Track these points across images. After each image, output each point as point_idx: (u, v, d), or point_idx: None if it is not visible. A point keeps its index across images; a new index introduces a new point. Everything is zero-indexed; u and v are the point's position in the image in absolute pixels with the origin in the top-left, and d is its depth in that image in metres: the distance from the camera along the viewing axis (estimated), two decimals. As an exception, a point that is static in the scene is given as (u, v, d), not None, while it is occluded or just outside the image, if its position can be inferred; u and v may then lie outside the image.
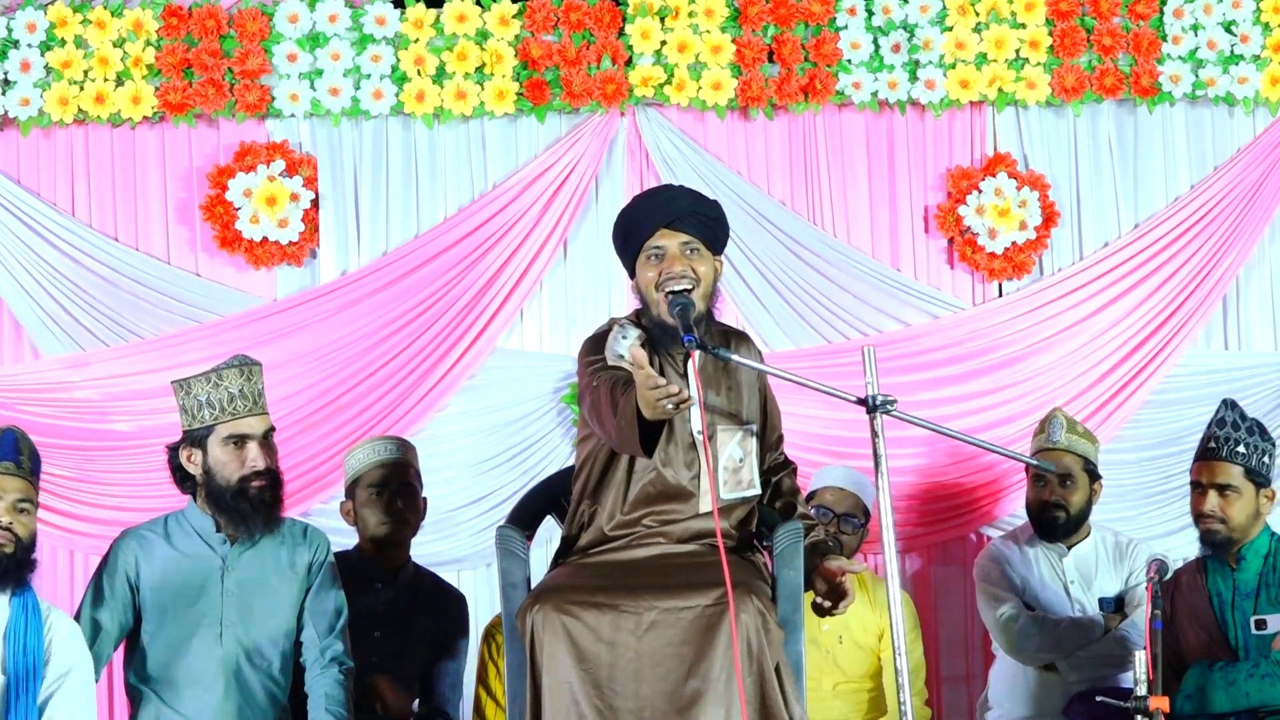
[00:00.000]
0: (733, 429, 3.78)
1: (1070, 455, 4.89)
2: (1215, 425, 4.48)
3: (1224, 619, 4.44)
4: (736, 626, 3.45)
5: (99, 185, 5.47)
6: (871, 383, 3.51)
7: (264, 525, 4.09)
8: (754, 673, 3.48)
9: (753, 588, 3.55)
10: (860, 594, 4.94)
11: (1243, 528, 4.45)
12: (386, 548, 4.62)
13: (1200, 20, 5.63)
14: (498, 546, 3.87)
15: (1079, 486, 4.92)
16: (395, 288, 5.44)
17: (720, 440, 3.76)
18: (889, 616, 4.80)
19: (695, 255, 3.73)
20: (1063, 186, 5.67)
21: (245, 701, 4.06)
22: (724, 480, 3.74)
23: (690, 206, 3.75)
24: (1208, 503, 4.45)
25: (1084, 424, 5.22)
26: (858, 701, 4.94)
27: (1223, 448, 4.44)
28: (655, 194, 3.91)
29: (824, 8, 5.51)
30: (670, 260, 3.70)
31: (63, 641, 3.80)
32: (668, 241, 3.71)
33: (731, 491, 3.76)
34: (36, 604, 3.79)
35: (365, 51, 5.43)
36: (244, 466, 4.05)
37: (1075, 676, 4.80)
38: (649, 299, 3.74)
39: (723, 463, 3.75)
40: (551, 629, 3.49)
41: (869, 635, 4.93)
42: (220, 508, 4.08)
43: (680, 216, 3.73)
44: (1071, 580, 4.93)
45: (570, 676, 3.48)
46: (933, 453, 5.52)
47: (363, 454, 4.69)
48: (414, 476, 4.70)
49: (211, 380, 4.08)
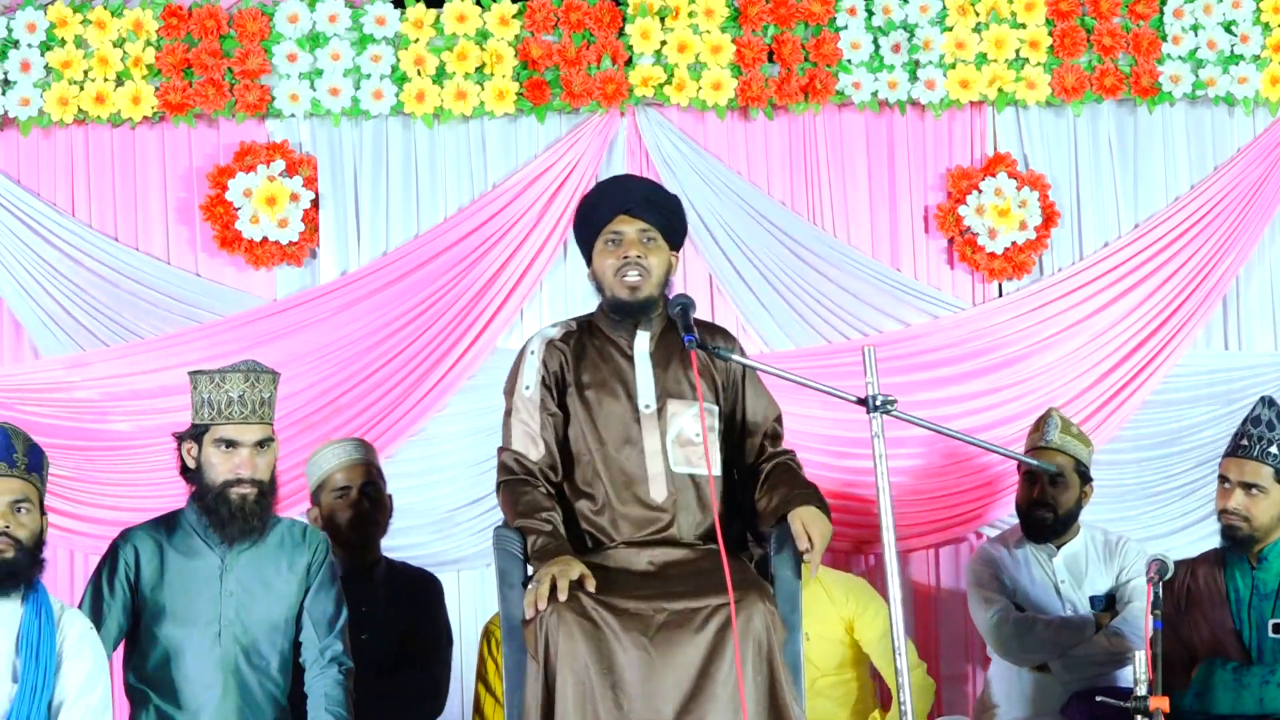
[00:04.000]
0: (685, 404, 3.82)
1: (1062, 455, 4.89)
2: (1250, 423, 4.41)
3: (1239, 618, 4.40)
4: (747, 627, 3.47)
5: (99, 185, 5.47)
6: (872, 383, 3.51)
7: (239, 533, 4.08)
8: (763, 672, 3.49)
9: (761, 589, 3.57)
10: (817, 588, 4.94)
11: (1266, 528, 4.39)
12: (358, 549, 4.62)
13: (1200, 20, 5.63)
14: (496, 547, 3.88)
15: (1069, 486, 4.91)
16: (395, 288, 5.44)
17: (670, 411, 3.82)
18: (858, 607, 4.87)
19: (651, 244, 3.83)
20: (1063, 186, 5.67)
21: (244, 702, 4.05)
22: (671, 454, 3.79)
23: (647, 194, 3.86)
24: (1233, 500, 4.39)
25: (1083, 424, 5.22)
26: (840, 695, 4.92)
27: (1255, 446, 4.39)
28: (614, 182, 4.06)
29: (824, 8, 5.51)
30: (627, 245, 3.79)
31: (75, 643, 3.75)
32: (625, 227, 3.83)
33: (679, 465, 3.79)
34: (49, 606, 3.75)
35: (365, 51, 5.43)
36: (230, 472, 4.05)
37: (1069, 676, 4.80)
38: (605, 283, 3.88)
39: (670, 436, 3.80)
40: (566, 630, 3.50)
41: (832, 627, 4.91)
42: (203, 507, 4.09)
43: (637, 203, 3.83)
44: (1062, 580, 4.92)
45: (584, 677, 3.49)
46: (932, 453, 5.52)
47: (323, 459, 4.69)
48: (377, 475, 4.71)
49: (215, 380, 4.08)
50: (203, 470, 4.08)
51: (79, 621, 3.81)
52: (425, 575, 4.81)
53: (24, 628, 3.70)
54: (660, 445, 3.80)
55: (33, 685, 3.64)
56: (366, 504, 4.63)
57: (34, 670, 3.65)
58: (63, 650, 3.72)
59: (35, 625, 3.70)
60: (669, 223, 3.86)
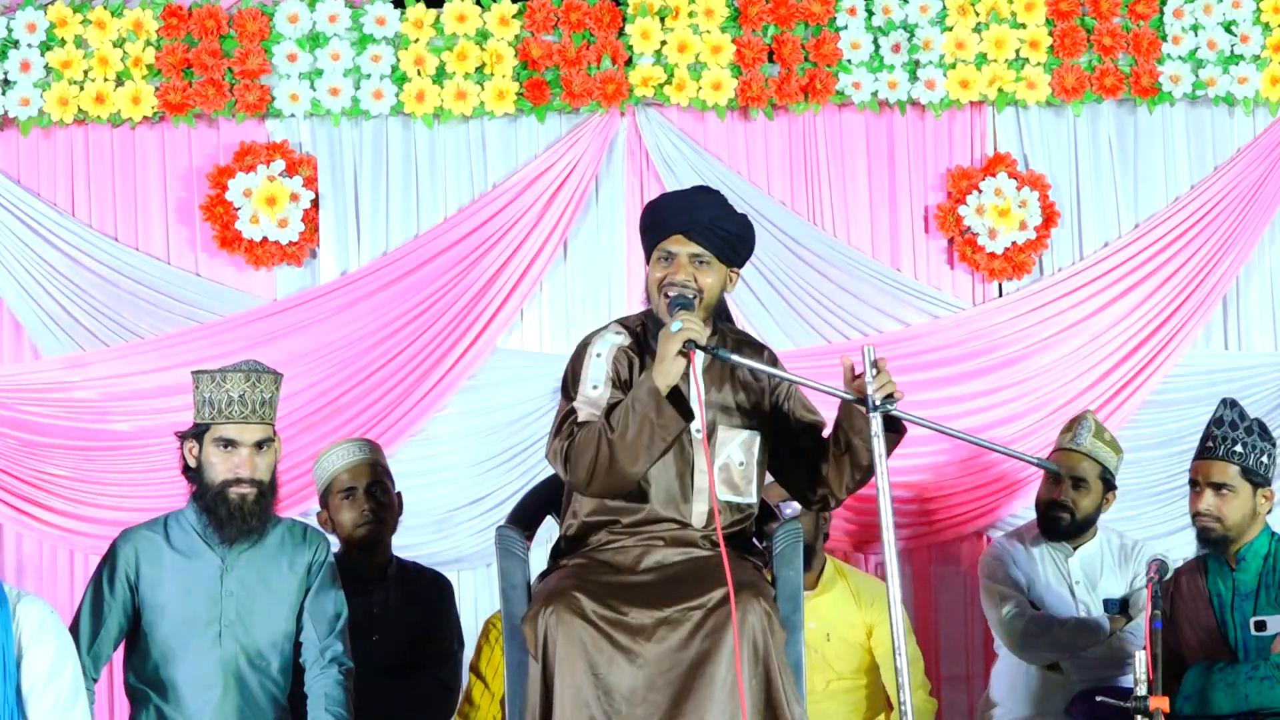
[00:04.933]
0: (735, 430, 3.78)
1: (1089, 460, 4.89)
2: (1213, 424, 4.47)
3: (1223, 619, 4.43)
4: (743, 627, 3.47)
5: (99, 185, 5.47)
6: (871, 382, 3.50)
7: (238, 533, 4.08)
8: (759, 673, 3.48)
9: (758, 588, 3.56)
10: (844, 589, 4.95)
11: (1238, 527, 4.42)
12: (368, 549, 4.62)
13: (1200, 20, 5.63)
14: (497, 547, 3.88)
15: (1090, 492, 4.91)
16: (395, 288, 5.44)
17: (720, 438, 3.76)
18: (879, 614, 4.86)
19: (702, 267, 3.73)
20: (1063, 186, 5.67)
21: (245, 702, 4.06)
22: (719, 481, 3.74)
23: (710, 219, 3.73)
24: (1204, 501, 4.43)
25: None
26: (854, 700, 4.93)
27: (1220, 446, 4.43)
28: (684, 197, 3.89)
29: (824, 8, 5.51)
30: (676, 268, 3.72)
31: (35, 631, 3.66)
32: (679, 249, 3.72)
33: (724, 494, 3.75)
34: (3, 596, 3.65)
35: (365, 51, 5.43)
36: (229, 471, 4.05)
37: (1078, 676, 4.80)
38: (651, 297, 3.78)
39: (719, 462, 3.75)
40: (565, 632, 3.49)
41: (855, 631, 4.92)
42: (203, 506, 4.08)
43: (697, 228, 3.72)
44: (1076, 581, 4.92)
45: (582, 680, 3.48)
46: (933, 453, 5.52)
47: (329, 461, 4.68)
48: (384, 474, 4.70)
49: (216, 380, 4.08)
50: (203, 469, 4.08)
51: (35, 609, 3.69)
52: (436, 576, 4.80)
53: None
54: (706, 467, 3.75)
55: None
56: (374, 504, 4.62)
57: None
58: (21, 639, 3.64)
59: None
60: (729, 246, 3.75)
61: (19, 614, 3.68)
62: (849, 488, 3.77)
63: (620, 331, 3.82)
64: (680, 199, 3.89)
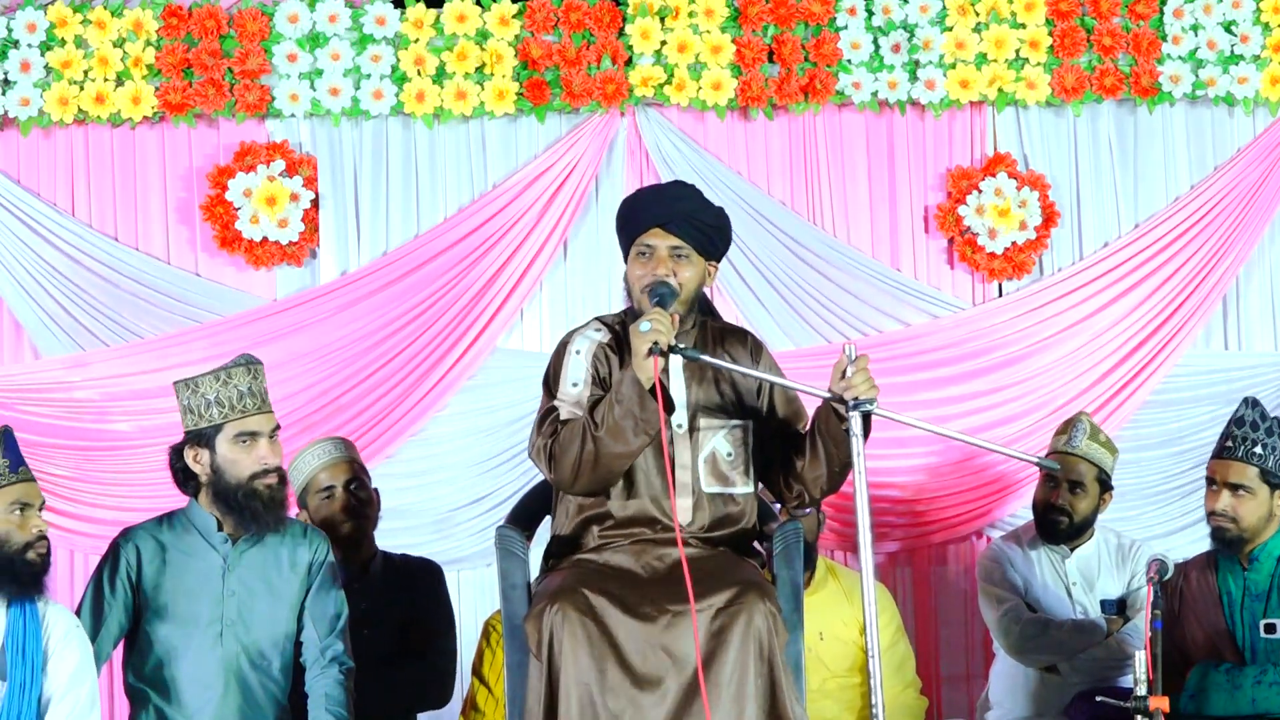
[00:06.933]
0: (717, 423, 3.78)
1: (1085, 463, 4.88)
2: (1234, 424, 4.41)
3: (1232, 619, 4.40)
4: (748, 628, 3.47)
5: (99, 185, 5.47)
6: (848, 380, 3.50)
7: (274, 522, 4.08)
8: (764, 673, 3.48)
9: (763, 589, 3.56)
10: (836, 588, 4.94)
11: (1254, 529, 4.38)
12: (351, 546, 4.61)
13: (1200, 20, 5.63)
14: (497, 547, 3.87)
15: (1088, 495, 4.90)
16: (395, 288, 5.44)
17: (702, 432, 3.77)
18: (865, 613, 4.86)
19: (681, 261, 3.74)
20: (1063, 186, 5.68)
21: (245, 701, 4.05)
22: (704, 474, 3.75)
23: (687, 210, 3.74)
24: (1220, 501, 4.38)
25: None
26: (849, 699, 4.93)
27: (1239, 447, 4.38)
28: (658, 190, 3.93)
29: (824, 8, 5.51)
30: (656, 262, 3.72)
31: (61, 638, 3.76)
32: (658, 242, 3.73)
33: (711, 486, 3.76)
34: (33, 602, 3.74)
35: (365, 51, 5.43)
36: (255, 463, 4.05)
37: (1077, 678, 4.80)
38: (632, 294, 3.79)
39: (703, 455, 3.76)
40: (571, 630, 3.48)
41: (849, 629, 4.92)
42: (229, 507, 4.06)
43: (675, 219, 3.73)
44: (1074, 582, 4.92)
45: (588, 678, 3.48)
46: (931, 453, 5.52)
47: (305, 461, 4.67)
48: (361, 470, 4.70)
49: (220, 378, 4.08)
50: (222, 471, 4.05)
51: (64, 617, 3.80)
52: (426, 563, 4.80)
53: (10, 625, 3.70)
54: (690, 461, 3.75)
55: (22, 682, 3.65)
56: (354, 501, 4.62)
57: (21, 667, 3.66)
58: (49, 646, 3.72)
59: (21, 622, 3.70)
60: (707, 238, 3.76)
61: (48, 619, 3.76)
62: (823, 488, 3.78)
63: (600, 329, 3.84)
64: (656, 192, 3.92)
